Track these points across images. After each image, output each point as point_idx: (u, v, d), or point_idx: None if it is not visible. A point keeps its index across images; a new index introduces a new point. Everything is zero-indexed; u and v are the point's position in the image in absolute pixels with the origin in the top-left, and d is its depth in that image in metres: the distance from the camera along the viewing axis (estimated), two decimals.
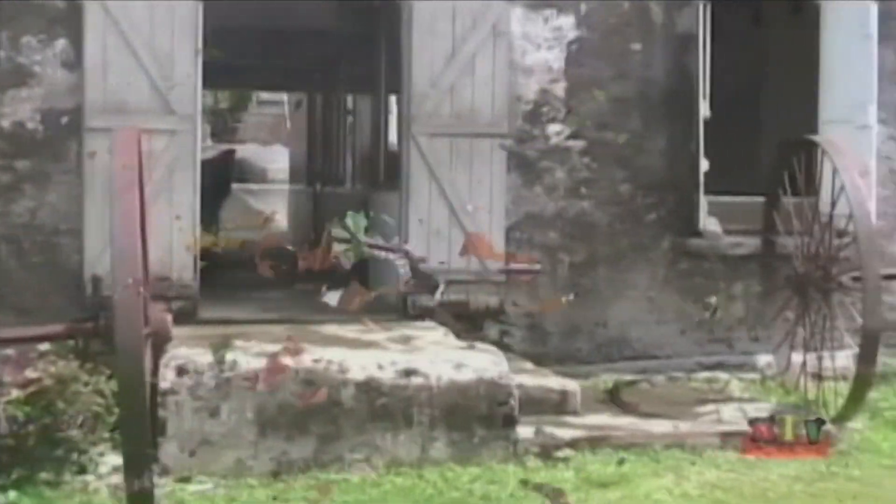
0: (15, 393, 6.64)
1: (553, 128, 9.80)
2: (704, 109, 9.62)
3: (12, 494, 6.36)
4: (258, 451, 6.88)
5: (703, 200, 9.66)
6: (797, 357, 8.80)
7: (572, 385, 8.12)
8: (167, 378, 6.82)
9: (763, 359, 9.62)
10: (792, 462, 7.24)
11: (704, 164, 9.61)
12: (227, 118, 28.61)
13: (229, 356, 6.99)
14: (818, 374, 8.47)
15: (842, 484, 6.90)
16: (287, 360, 6.96)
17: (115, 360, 5.62)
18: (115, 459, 6.52)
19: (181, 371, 6.88)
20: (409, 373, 7.09)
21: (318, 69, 16.21)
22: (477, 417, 7.12)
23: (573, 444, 7.32)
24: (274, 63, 16.95)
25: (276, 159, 25.06)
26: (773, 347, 9.30)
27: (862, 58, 9.78)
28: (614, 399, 8.64)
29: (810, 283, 8.66)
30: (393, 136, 11.75)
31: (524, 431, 7.27)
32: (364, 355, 7.28)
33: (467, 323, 9.17)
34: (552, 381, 8.18)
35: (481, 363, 7.31)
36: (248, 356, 7.09)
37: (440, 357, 7.39)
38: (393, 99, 11.95)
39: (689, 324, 10.01)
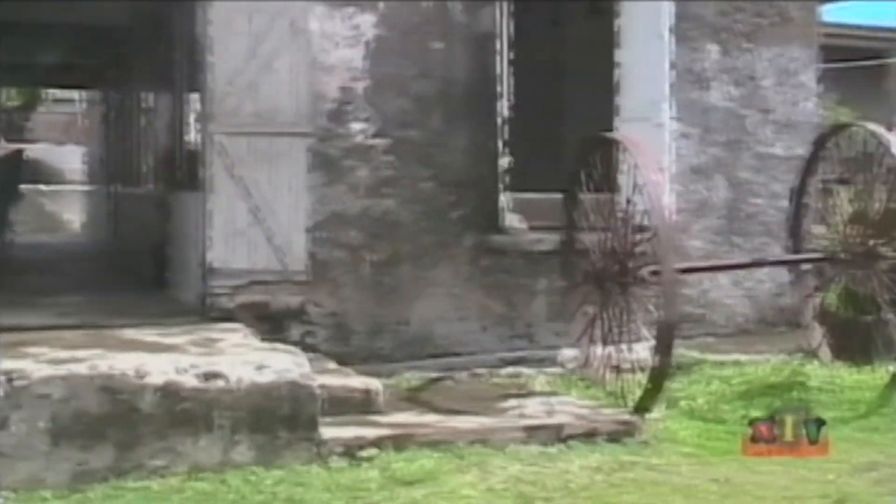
0: None
1: (356, 126, 9.75)
2: (505, 108, 9.71)
3: None
4: (53, 462, 6.61)
5: (505, 197, 9.76)
6: (598, 350, 8.95)
7: (375, 384, 8.07)
8: None
9: (565, 353, 9.75)
10: (594, 453, 7.37)
11: (505, 162, 9.70)
12: (15, 117, 27.82)
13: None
14: (618, 366, 8.64)
15: (641, 473, 7.02)
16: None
17: None
18: None
19: None
20: (209, 376, 6.92)
21: (112, 66, 15.81)
22: (280, 419, 7.00)
23: (378, 443, 7.27)
24: (66, 60, 16.49)
25: (71, 159, 24.50)
26: (574, 341, 9.43)
27: (656, 57, 10.02)
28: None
29: (609, 277, 8.81)
30: (194, 136, 11.54)
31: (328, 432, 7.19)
32: (163, 359, 7.09)
33: (270, 324, 9.05)
34: (355, 381, 8.13)
35: (283, 364, 7.21)
36: (39, 363, 6.82)
37: (241, 359, 7.26)
38: (192, 97, 11.72)
39: (491, 320, 10.09)
